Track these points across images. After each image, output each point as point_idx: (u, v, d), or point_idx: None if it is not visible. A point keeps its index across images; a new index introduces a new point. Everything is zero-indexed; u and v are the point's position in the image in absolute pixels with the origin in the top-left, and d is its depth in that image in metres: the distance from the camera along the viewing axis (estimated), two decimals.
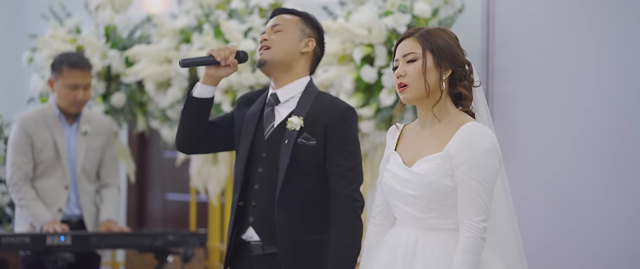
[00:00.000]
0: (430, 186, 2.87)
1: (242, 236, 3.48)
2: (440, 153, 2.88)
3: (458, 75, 2.94)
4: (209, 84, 3.50)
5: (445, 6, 4.90)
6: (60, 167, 5.16)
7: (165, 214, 7.22)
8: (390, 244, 2.97)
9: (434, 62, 2.92)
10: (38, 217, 5.00)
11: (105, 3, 6.00)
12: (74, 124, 5.23)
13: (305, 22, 3.56)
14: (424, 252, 2.88)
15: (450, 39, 2.96)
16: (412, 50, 2.94)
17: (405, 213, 2.95)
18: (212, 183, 5.82)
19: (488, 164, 2.84)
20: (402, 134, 3.05)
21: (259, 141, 3.48)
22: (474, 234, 2.82)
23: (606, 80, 4.66)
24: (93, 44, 5.84)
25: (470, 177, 2.82)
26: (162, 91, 5.76)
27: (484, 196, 2.83)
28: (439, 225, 2.90)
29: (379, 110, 4.87)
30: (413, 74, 2.92)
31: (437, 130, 2.94)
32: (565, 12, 4.80)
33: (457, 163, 2.85)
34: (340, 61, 4.95)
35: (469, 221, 2.83)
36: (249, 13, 5.54)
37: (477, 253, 2.82)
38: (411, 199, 2.91)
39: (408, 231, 2.93)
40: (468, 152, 2.84)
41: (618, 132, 4.61)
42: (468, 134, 2.86)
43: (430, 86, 2.91)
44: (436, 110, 2.93)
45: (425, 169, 2.89)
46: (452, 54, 2.94)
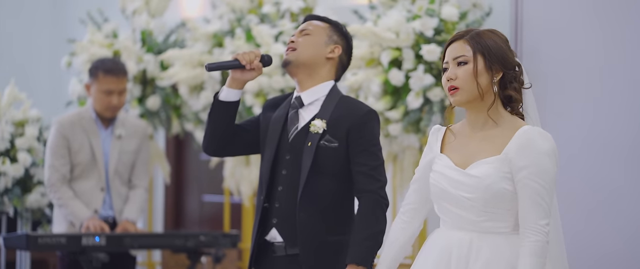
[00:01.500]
0: (488, 189, 2.85)
1: (266, 237, 3.54)
2: (498, 156, 2.86)
3: (509, 77, 2.92)
4: (235, 87, 3.57)
5: (474, 10, 4.92)
6: (96, 170, 5.27)
7: (202, 216, 7.31)
8: (440, 247, 2.94)
9: (485, 65, 2.90)
10: (77, 215, 5.11)
11: (142, 8, 6.11)
12: (109, 128, 5.34)
13: (334, 29, 3.62)
14: (480, 256, 2.86)
15: (500, 41, 2.94)
16: (462, 53, 2.92)
17: (456, 215, 2.92)
18: (245, 185, 5.89)
19: (549, 168, 2.83)
20: (447, 136, 3.02)
21: (284, 143, 3.54)
22: (540, 238, 2.81)
23: (636, 84, 4.65)
24: (129, 49, 5.95)
25: (533, 181, 2.81)
26: (195, 94, 5.85)
27: (547, 200, 2.82)
28: (494, 228, 2.88)
29: (406, 113, 4.90)
30: (464, 77, 2.90)
31: (491, 133, 2.92)
32: (594, 15, 4.79)
33: (518, 167, 2.83)
34: (368, 64, 5.00)
35: (533, 225, 2.81)
36: (280, 17, 5.61)
37: (544, 257, 2.81)
38: (466, 202, 2.88)
39: (461, 235, 2.90)
40: (529, 156, 2.82)
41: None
42: (528, 138, 2.85)
43: (483, 89, 2.89)
44: (492, 113, 2.91)
45: (482, 172, 2.86)
46: (503, 56, 2.91)
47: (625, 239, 4.62)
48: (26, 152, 5.63)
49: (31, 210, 5.79)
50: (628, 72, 4.67)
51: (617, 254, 4.64)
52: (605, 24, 4.75)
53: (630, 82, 4.66)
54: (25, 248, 4.92)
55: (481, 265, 2.86)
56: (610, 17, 4.74)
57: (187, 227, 7.25)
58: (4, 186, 5.57)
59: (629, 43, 4.67)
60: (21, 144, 5.63)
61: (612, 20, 4.73)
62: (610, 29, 4.73)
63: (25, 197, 5.70)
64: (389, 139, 4.98)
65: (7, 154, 5.62)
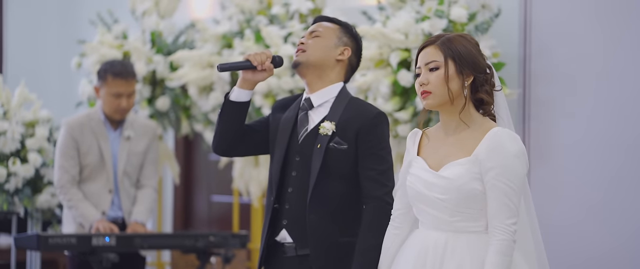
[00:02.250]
0: (460, 189, 2.94)
1: (276, 237, 3.56)
2: (468, 158, 2.95)
3: (479, 81, 3.01)
4: (246, 88, 3.58)
5: (482, 11, 4.93)
6: (104, 172, 5.29)
7: (211, 216, 7.33)
8: (417, 247, 3.03)
9: (456, 70, 2.99)
10: (86, 216, 5.13)
11: (151, 9, 6.13)
12: (118, 129, 5.36)
13: (344, 31, 3.63)
14: (454, 254, 2.95)
15: (470, 46, 3.02)
16: (433, 59, 3.01)
17: (432, 216, 3.01)
18: (254, 185, 5.91)
19: (517, 169, 2.92)
20: (423, 140, 3.11)
21: (293, 145, 3.55)
22: (506, 237, 2.90)
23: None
24: (139, 50, 5.97)
25: (500, 182, 2.90)
26: (204, 95, 5.87)
27: (514, 200, 2.91)
28: (468, 228, 2.97)
29: (415, 114, 4.91)
30: (436, 82, 2.99)
31: (463, 135, 3.01)
32: (603, 16, 4.79)
33: (486, 168, 2.92)
34: (377, 66, 5.01)
35: (500, 224, 2.90)
36: (289, 18, 5.62)
37: (509, 255, 2.90)
38: (439, 203, 2.97)
39: (436, 234, 3.00)
40: (498, 157, 2.91)
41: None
42: (497, 139, 2.93)
43: (453, 93, 2.98)
44: (463, 116, 3.00)
45: (453, 173, 2.95)
46: (473, 60, 3.00)
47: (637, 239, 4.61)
48: (36, 153, 5.65)
49: (41, 210, 5.81)
50: (637, 73, 4.67)
51: (625, 255, 4.64)
52: (614, 24, 4.75)
53: (639, 83, 4.66)
54: (36, 248, 4.94)
55: (455, 264, 2.94)
56: (619, 18, 4.74)
57: (195, 227, 7.27)
58: (15, 187, 5.60)
59: (637, 44, 4.67)
60: (31, 144, 5.65)
61: (621, 21, 4.73)
62: (618, 29, 4.73)
63: (36, 197, 5.72)
64: (397, 140, 4.99)
65: (18, 154, 5.64)
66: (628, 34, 4.70)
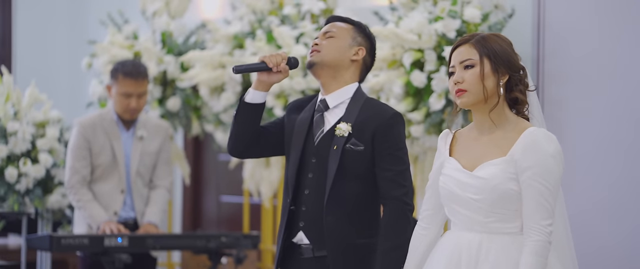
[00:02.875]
0: (495, 190, 2.91)
1: (293, 239, 3.54)
2: (503, 158, 2.92)
3: (514, 80, 2.98)
4: (261, 89, 3.57)
5: (496, 11, 4.92)
6: (116, 172, 5.28)
7: (220, 216, 7.33)
8: (451, 248, 3.00)
9: (492, 68, 2.96)
10: (95, 217, 5.13)
11: (162, 9, 6.13)
12: (131, 129, 5.35)
13: (358, 30, 3.61)
14: (489, 256, 2.92)
15: (505, 45, 3.00)
16: (469, 57, 2.98)
17: (465, 217, 2.97)
18: (265, 186, 5.91)
19: (554, 169, 2.89)
20: (455, 140, 3.08)
21: (309, 146, 3.54)
22: (541, 238, 2.86)
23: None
24: (149, 50, 5.96)
25: (537, 182, 2.87)
26: (216, 95, 5.87)
27: (551, 200, 2.88)
28: (502, 229, 2.94)
29: (428, 114, 4.90)
30: (471, 80, 2.97)
31: (498, 135, 2.97)
32: (617, 17, 4.77)
33: (523, 168, 2.88)
34: (390, 66, 5.00)
35: (536, 225, 2.87)
36: (301, 19, 5.61)
37: (544, 257, 2.86)
38: (473, 203, 2.94)
39: (470, 236, 2.96)
40: (534, 157, 2.88)
41: None
42: (533, 139, 2.90)
43: (488, 92, 2.95)
44: (493, 115, 2.97)
45: (489, 173, 2.92)
46: (509, 59, 2.98)
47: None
48: (47, 153, 5.65)
49: (52, 211, 5.81)
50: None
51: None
52: (627, 24, 4.74)
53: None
54: (48, 248, 4.94)
55: (490, 265, 2.91)
56: (633, 18, 4.73)
57: (204, 228, 7.26)
58: (25, 187, 5.59)
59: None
60: (42, 145, 5.65)
61: (634, 21, 4.72)
62: (632, 29, 4.72)
63: (46, 198, 5.72)
64: (410, 141, 4.98)
65: (28, 155, 5.64)
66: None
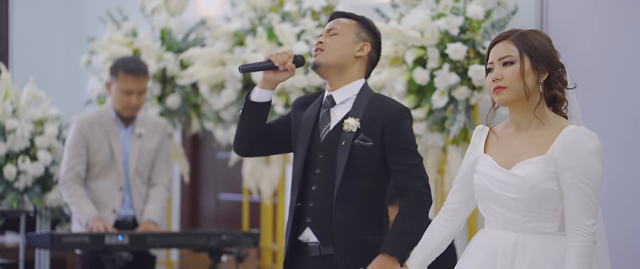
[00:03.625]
0: (533, 189, 2.86)
1: (299, 237, 3.53)
2: (543, 156, 2.87)
3: (554, 77, 2.94)
4: (267, 88, 3.55)
5: (498, 8, 4.90)
6: (115, 169, 5.26)
7: (218, 214, 7.31)
8: (486, 247, 2.95)
9: (532, 65, 2.91)
10: (84, 213, 5.09)
11: (161, 6, 6.10)
12: (129, 127, 5.33)
13: (362, 26, 3.59)
14: (525, 256, 2.87)
15: (545, 41, 2.96)
16: (508, 53, 2.93)
17: (501, 215, 2.93)
18: (265, 184, 5.89)
19: (596, 168, 2.84)
20: (490, 137, 3.03)
21: (316, 142, 3.52)
22: (587, 238, 2.81)
23: None
24: (149, 47, 5.94)
25: (579, 181, 2.82)
26: (216, 92, 5.84)
27: (594, 199, 2.83)
28: (540, 228, 2.89)
29: (431, 112, 4.88)
30: (511, 77, 2.91)
31: (536, 133, 2.93)
32: (620, 13, 4.76)
33: (564, 167, 2.83)
34: (393, 63, 4.98)
35: (581, 225, 2.82)
36: (302, 16, 5.59)
37: (590, 257, 2.81)
38: (511, 202, 2.89)
39: (506, 235, 2.91)
40: (576, 156, 2.83)
41: None
42: (574, 137, 2.86)
43: (529, 89, 2.90)
44: (538, 113, 2.92)
45: (527, 172, 2.87)
46: (549, 56, 2.94)
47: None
48: (46, 151, 5.62)
49: (51, 209, 5.78)
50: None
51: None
52: (631, 21, 4.73)
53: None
54: (49, 247, 4.91)
55: (527, 266, 2.86)
56: (634, 15, 4.72)
57: (202, 226, 7.24)
58: (24, 185, 5.57)
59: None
60: (41, 142, 5.62)
61: (636, 18, 4.71)
62: (636, 26, 4.71)
63: (45, 196, 5.69)
64: None
65: (27, 152, 5.61)
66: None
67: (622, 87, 4.75)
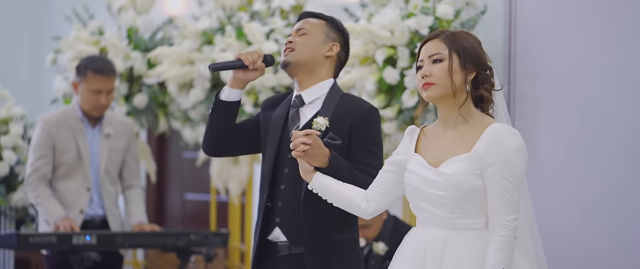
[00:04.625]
0: (459, 186, 2.91)
1: (269, 236, 3.51)
2: (468, 153, 2.93)
3: (481, 78, 3.00)
4: (237, 87, 3.55)
5: (467, 8, 4.92)
6: (82, 170, 5.21)
7: (184, 214, 7.27)
8: (416, 245, 3.00)
9: (460, 64, 2.98)
10: (51, 213, 5.05)
11: (128, 5, 6.05)
12: (97, 127, 5.28)
13: (331, 26, 3.60)
14: (453, 252, 2.92)
15: (474, 42, 3.03)
16: (438, 51, 3.00)
17: (431, 213, 2.98)
18: (233, 183, 5.86)
19: (518, 164, 2.90)
20: (421, 137, 3.09)
21: (285, 142, 3.51)
22: (507, 233, 2.88)
23: (629, 82, 4.67)
24: (116, 46, 5.88)
25: (501, 177, 2.88)
26: (184, 92, 5.81)
27: (515, 195, 2.89)
28: (467, 225, 2.94)
29: (401, 111, 4.89)
30: (439, 74, 2.98)
31: (462, 131, 2.98)
32: (588, 14, 4.80)
33: (487, 163, 2.89)
34: (363, 63, 4.98)
35: (501, 220, 2.88)
36: (271, 15, 5.57)
37: (510, 252, 2.88)
38: (439, 200, 2.94)
39: (435, 232, 2.97)
40: (498, 152, 2.89)
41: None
42: (497, 135, 2.91)
43: (456, 86, 2.96)
44: (463, 111, 2.98)
45: (453, 170, 2.92)
46: (477, 56, 3.00)
47: (623, 238, 4.64)
48: (11, 151, 5.56)
49: (15, 209, 5.72)
50: (622, 70, 4.69)
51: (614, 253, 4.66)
52: (599, 22, 4.77)
53: (624, 80, 4.69)
54: (15, 247, 4.86)
55: (454, 261, 2.92)
56: (604, 15, 4.76)
57: (168, 225, 7.20)
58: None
59: (622, 41, 4.69)
60: (6, 142, 5.56)
61: (606, 18, 4.75)
62: (604, 27, 4.75)
63: (10, 195, 5.63)
64: (383, 137, 4.97)
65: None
66: (613, 30, 4.72)
67: (588, 87, 4.79)
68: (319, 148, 3.22)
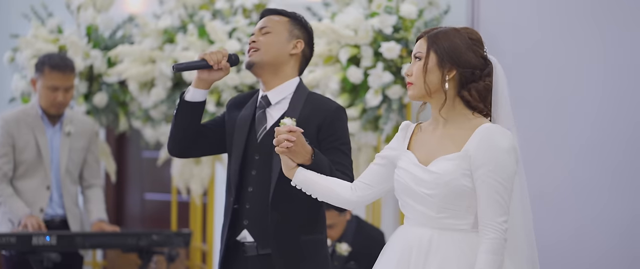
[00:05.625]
0: (448, 185, 2.86)
1: (237, 237, 3.49)
2: (458, 153, 2.87)
3: (465, 77, 2.91)
4: (201, 87, 3.51)
5: (430, 7, 4.94)
6: (42, 168, 5.14)
7: (144, 214, 7.21)
8: (402, 242, 2.96)
9: (437, 63, 2.91)
10: (16, 212, 4.98)
11: (87, 3, 5.98)
12: (57, 125, 5.22)
13: (294, 23, 3.56)
14: (439, 252, 2.88)
15: (460, 40, 2.93)
16: (419, 50, 2.95)
17: (418, 212, 2.93)
18: (195, 183, 5.82)
19: (508, 165, 2.84)
20: (415, 133, 3.04)
21: (252, 144, 3.48)
22: (497, 235, 2.83)
23: (593, 81, 4.71)
24: (75, 44, 5.81)
25: (491, 178, 2.82)
26: (145, 90, 5.75)
27: (505, 197, 2.84)
28: (454, 225, 2.90)
29: (364, 110, 4.89)
30: (416, 73, 2.94)
31: (453, 130, 2.92)
32: (550, 12, 4.84)
33: (477, 164, 2.84)
34: (327, 62, 4.98)
35: (491, 222, 2.83)
36: (233, 13, 5.54)
37: (500, 254, 2.83)
38: (427, 198, 2.90)
39: (421, 231, 2.92)
40: (488, 153, 2.83)
41: (606, 134, 4.66)
42: (487, 135, 2.86)
43: (431, 86, 2.91)
44: (443, 112, 2.92)
45: (442, 169, 2.88)
46: (457, 55, 2.90)
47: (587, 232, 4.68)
48: None
49: None
50: (585, 68, 4.74)
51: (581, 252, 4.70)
52: (561, 20, 4.81)
53: (587, 77, 4.73)
54: None
55: (439, 260, 2.88)
56: (566, 14, 4.80)
57: (127, 225, 7.14)
58: None
59: (584, 39, 4.73)
60: None
61: (568, 17, 4.80)
62: (566, 25, 4.80)
63: None
64: None
65: None
66: (574, 29, 4.76)
67: (550, 84, 4.82)
68: (302, 145, 3.16)
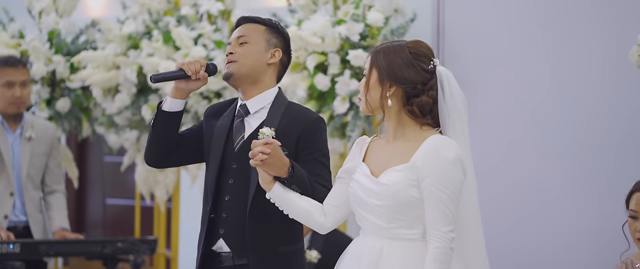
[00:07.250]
0: (396, 196, 2.93)
1: (213, 247, 3.49)
2: (406, 164, 2.95)
3: (407, 93, 2.98)
4: (179, 97, 3.50)
5: (396, 15, 4.98)
6: (4, 174, 5.10)
7: (105, 220, 7.17)
8: (354, 252, 3.03)
9: (378, 79, 2.99)
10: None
11: (49, 7, 5.92)
12: (18, 130, 5.18)
13: (271, 31, 3.55)
14: (389, 261, 2.95)
15: (401, 57, 2.98)
16: (365, 66, 3.05)
17: (369, 222, 3.01)
18: (160, 189, 5.80)
19: (453, 176, 2.90)
20: (370, 147, 3.11)
21: (230, 153, 3.48)
22: (443, 245, 2.89)
23: (558, 87, 4.78)
24: (37, 49, 5.76)
25: (436, 189, 2.89)
26: (109, 96, 5.71)
27: (451, 207, 2.90)
28: (404, 235, 2.97)
29: (332, 118, 4.92)
30: (362, 89, 3.05)
31: (403, 143, 3.00)
32: (517, 22, 4.90)
33: (423, 175, 2.91)
34: (294, 69, 4.99)
35: (437, 232, 2.90)
36: (199, 20, 5.53)
37: (446, 263, 2.89)
38: (377, 209, 2.97)
39: (372, 241, 2.99)
40: (434, 163, 2.90)
41: (571, 142, 4.73)
42: (432, 146, 2.93)
43: (372, 103, 3.00)
44: (391, 126, 3.00)
45: (391, 180, 2.95)
46: (396, 72, 2.96)
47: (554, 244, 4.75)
48: None
49: None
50: (549, 74, 4.80)
51: (546, 260, 4.77)
52: (526, 27, 4.87)
53: (553, 85, 4.80)
54: None
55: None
56: (531, 20, 4.87)
57: (89, 231, 7.09)
58: None
59: (551, 48, 4.80)
60: None
61: (533, 23, 4.86)
62: (531, 31, 4.86)
63: None
64: None
65: None
66: (540, 35, 4.83)
67: (515, 91, 4.89)
68: (278, 157, 3.15)
